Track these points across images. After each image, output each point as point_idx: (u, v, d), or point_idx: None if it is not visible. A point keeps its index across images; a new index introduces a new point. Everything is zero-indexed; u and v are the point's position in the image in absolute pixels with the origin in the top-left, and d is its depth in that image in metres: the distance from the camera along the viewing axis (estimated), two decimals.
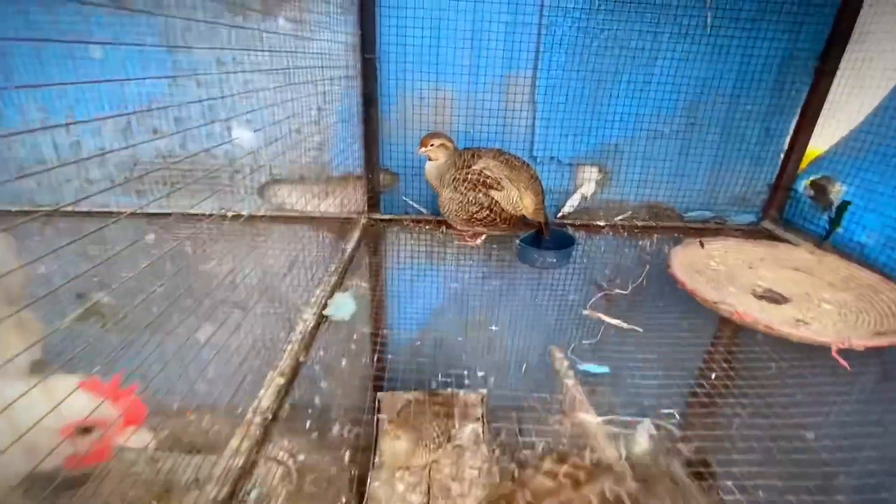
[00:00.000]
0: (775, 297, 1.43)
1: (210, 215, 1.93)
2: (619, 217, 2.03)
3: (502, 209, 1.63)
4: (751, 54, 1.76)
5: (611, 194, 2.01)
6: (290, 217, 1.96)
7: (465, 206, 1.62)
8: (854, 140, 1.71)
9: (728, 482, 0.86)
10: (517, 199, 1.63)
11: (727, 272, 1.56)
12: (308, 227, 1.89)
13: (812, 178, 1.84)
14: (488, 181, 1.60)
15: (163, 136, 1.64)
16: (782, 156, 1.93)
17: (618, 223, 2.01)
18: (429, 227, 1.95)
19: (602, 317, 1.32)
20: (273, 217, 1.96)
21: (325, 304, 1.23)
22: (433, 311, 2.21)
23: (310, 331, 1.10)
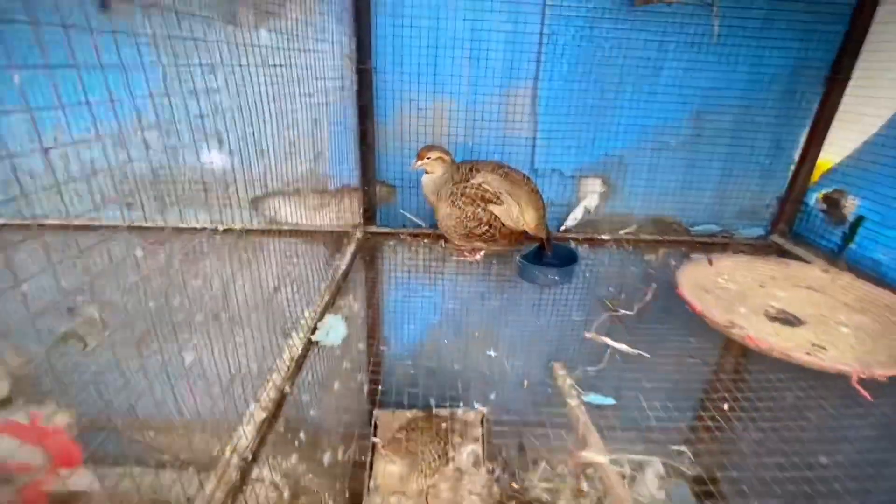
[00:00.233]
0: (789, 319, 1.36)
1: (202, 229, 1.88)
2: (623, 231, 1.96)
3: (502, 224, 1.57)
4: (759, 64, 1.70)
5: (615, 207, 1.95)
6: (284, 231, 1.90)
7: (464, 222, 1.56)
8: (868, 152, 1.64)
9: None
10: (517, 214, 1.57)
11: (737, 291, 1.50)
12: (302, 240, 1.83)
13: (824, 192, 1.77)
14: (487, 195, 1.54)
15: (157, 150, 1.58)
16: (792, 168, 1.87)
17: (622, 237, 1.94)
18: (427, 240, 1.89)
19: (607, 341, 1.25)
20: (266, 231, 1.90)
21: (314, 328, 1.16)
22: (430, 332, 2.14)
23: (297, 358, 1.04)
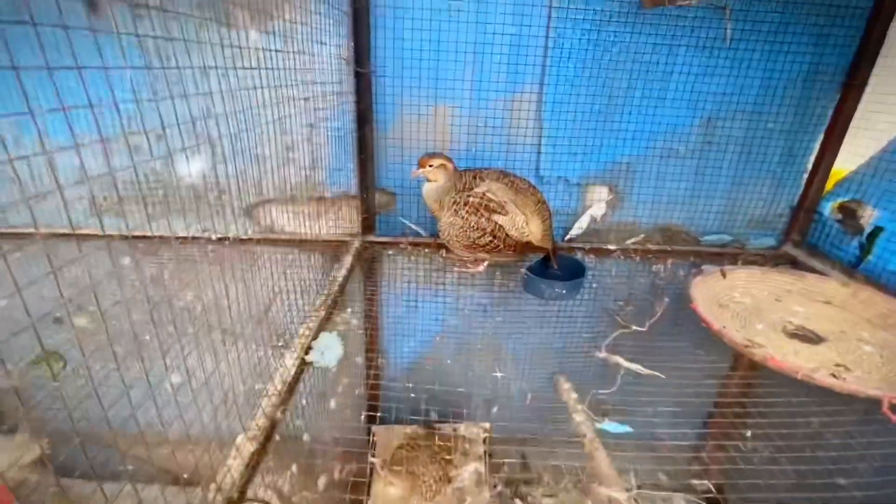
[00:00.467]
0: (809, 336, 1.29)
1: (193, 238, 1.80)
2: (630, 240, 1.90)
3: (507, 235, 1.50)
4: (773, 69, 1.64)
5: (622, 216, 1.88)
6: (280, 240, 1.83)
7: (467, 232, 1.49)
8: (885, 160, 1.58)
9: None
10: (522, 225, 1.51)
11: (753, 306, 1.43)
12: (298, 250, 1.77)
13: (840, 201, 1.71)
14: (491, 205, 1.48)
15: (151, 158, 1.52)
16: (805, 176, 1.80)
17: (629, 247, 1.88)
18: (427, 250, 1.83)
19: (620, 360, 1.19)
20: (261, 240, 1.84)
21: (308, 347, 1.09)
22: (431, 346, 2.07)
23: (289, 382, 0.97)
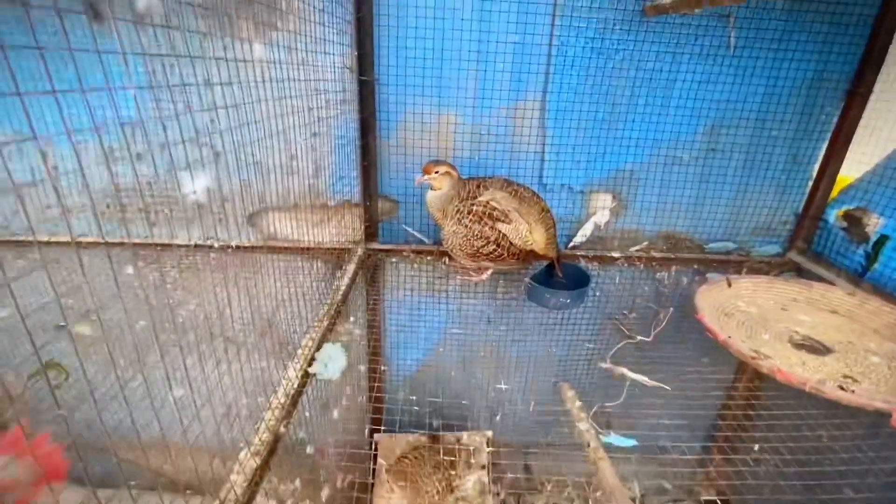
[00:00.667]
0: (816, 347, 1.28)
1: (196, 246, 1.80)
2: (634, 248, 1.89)
3: (510, 243, 1.50)
4: (777, 76, 1.64)
5: (625, 223, 1.88)
6: (282, 248, 1.83)
7: (471, 240, 1.49)
8: (891, 168, 1.57)
9: None
10: (526, 233, 1.50)
11: (759, 315, 1.42)
12: (300, 258, 1.76)
13: (845, 209, 1.70)
14: (495, 213, 1.47)
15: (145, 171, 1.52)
16: (810, 183, 1.80)
17: (633, 254, 1.87)
18: (430, 258, 1.82)
19: (625, 372, 1.18)
20: (263, 247, 1.83)
21: (311, 359, 1.09)
22: (434, 354, 2.07)
23: (292, 395, 0.96)
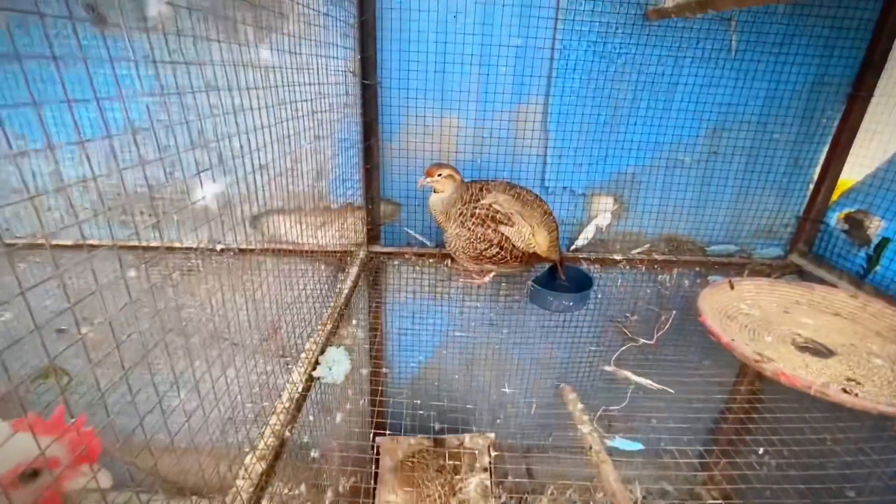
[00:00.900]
0: (819, 350, 1.28)
1: (197, 248, 1.80)
2: (636, 250, 1.89)
3: (513, 246, 1.50)
4: (778, 80, 1.64)
5: (627, 226, 1.88)
6: (285, 250, 1.83)
7: (473, 243, 1.49)
8: (892, 171, 1.58)
9: None
10: (529, 236, 1.50)
11: (762, 317, 1.42)
12: (303, 261, 1.76)
13: (846, 212, 1.71)
14: (498, 216, 1.47)
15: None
16: (811, 186, 1.80)
17: (635, 257, 1.87)
18: (432, 260, 1.82)
19: (629, 375, 1.18)
20: (266, 250, 1.83)
21: (315, 362, 1.09)
22: (436, 357, 2.07)
23: (297, 399, 0.96)
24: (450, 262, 1.77)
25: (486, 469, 1.89)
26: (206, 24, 0.84)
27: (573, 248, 1.87)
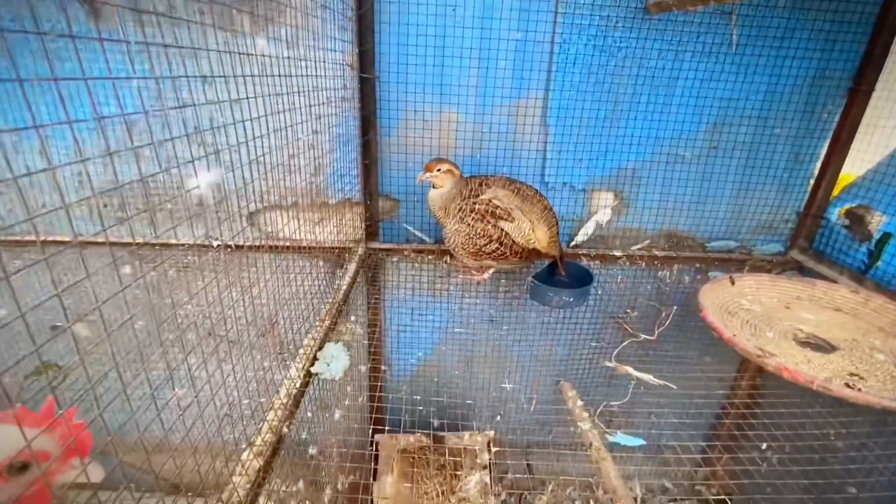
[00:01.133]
0: (821, 345, 1.27)
1: (192, 245, 1.78)
2: (636, 246, 1.88)
3: (513, 242, 1.49)
4: (779, 74, 1.63)
5: (627, 222, 1.87)
6: (282, 247, 1.81)
7: (473, 239, 1.48)
8: (893, 165, 1.57)
9: None
10: (529, 232, 1.49)
11: (763, 313, 1.41)
12: (301, 257, 1.75)
13: (847, 207, 1.70)
14: (498, 211, 1.46)
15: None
16: (812, 182, 1.79)
17: (635, 253, 1.86)
18: (431, 256, 1.81)
19: (630, 371, 1.17)
20: (262, 247, 1.81)
21: (314, 358, 1.07)
22: (435, 354, 2.06)
23: (295, 395, 0.95)
24: (449, 258, 1.76)
25: (485, 467, 1.88)
26: (203, 14, 0.82)
27: (573, 244, 1.86)
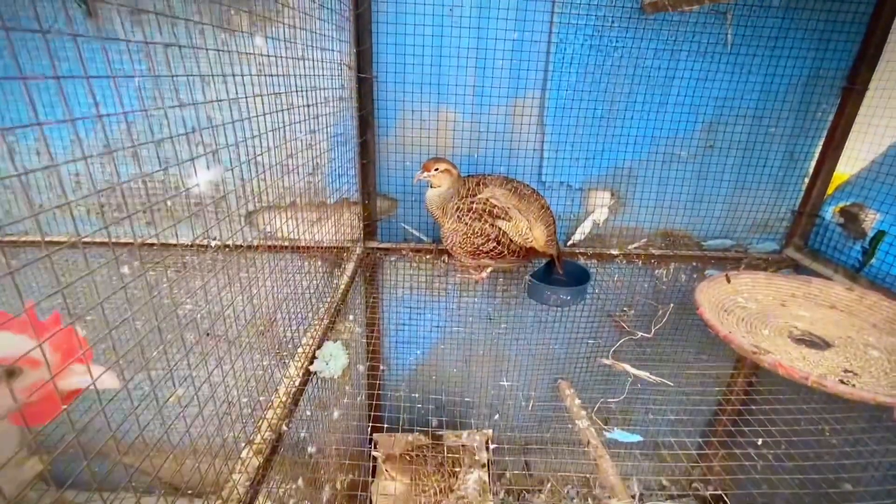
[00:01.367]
0: (815, 342, 1.28)
1: (191, 245, 1.78)
2: (633, 245, 1.89)
3: (510, 240, 1.49)
4: (774, 73, 1.65)
5: (624, 221, 1.88)
6: (280, 246, 1.81)
7: (471, 238, 1.48)
8: (887, 164, 1.59)
9: None
10: (526, 230, 1.50)
11: (758, 311, 1.43)
12: (299, 257, 1.75)
13: (842, 205, 1.71)
14: (495, 211, 1.47)
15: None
16: (807, 180, 1.81)
17: (632, 251, 1.87)
18: (429, 256, 1.81)
19: (627, 368, 1.18)
20: (260, 246, 1.82)
21: (312, 357, 1.08)
22: (434, 353, 2.06)
23: (294, 393, 0.95)
24: (447, 257, 1.76)
25: (484, 465, 1.89)
26: (201, 14, 0.83)
27: (570, 242, 1.87)
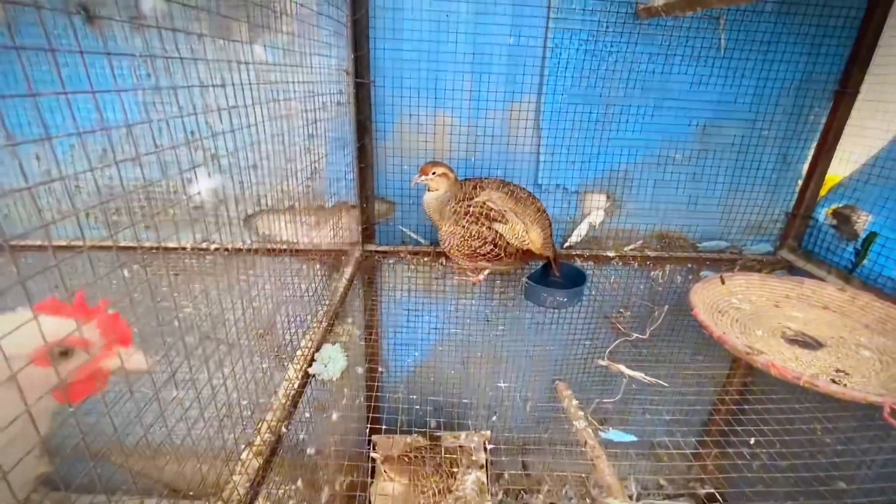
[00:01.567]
0: (808, 342, 1.30)
1: (190, 249, 1.79)
2: (628, 247, 1.91)
3: (507, 243, 1.51)
4: (766, 77, 1.67)
5: (620, 223, 1.90)
6: (279, 250, 1.83)
7: (468, 241, 1.50)
8: (878, 166, 1.61)
9: None
10: (523, 233, 1.51)
11: (752, 311, 1.44)
12: (297, 261, 1.76)
13: (834, 207, 1.73)
14: (492, 214, 1.48)
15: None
16: (800, 182, 1.83)
17: (628, 253, 1.89)
18: (427, 258, 1.83)
19: (622, 369, 1.19)
20: (259, 250, 1.83)
21: (311, 359, 1.09)
22: (432, 355, 2.08)
23: (293, 396, 0.96)
24: (445, 259, 1.78)
25: (482, 466, 1.90)
26: (200, 22, 0.84)
27: (567, 245, 1.89)
